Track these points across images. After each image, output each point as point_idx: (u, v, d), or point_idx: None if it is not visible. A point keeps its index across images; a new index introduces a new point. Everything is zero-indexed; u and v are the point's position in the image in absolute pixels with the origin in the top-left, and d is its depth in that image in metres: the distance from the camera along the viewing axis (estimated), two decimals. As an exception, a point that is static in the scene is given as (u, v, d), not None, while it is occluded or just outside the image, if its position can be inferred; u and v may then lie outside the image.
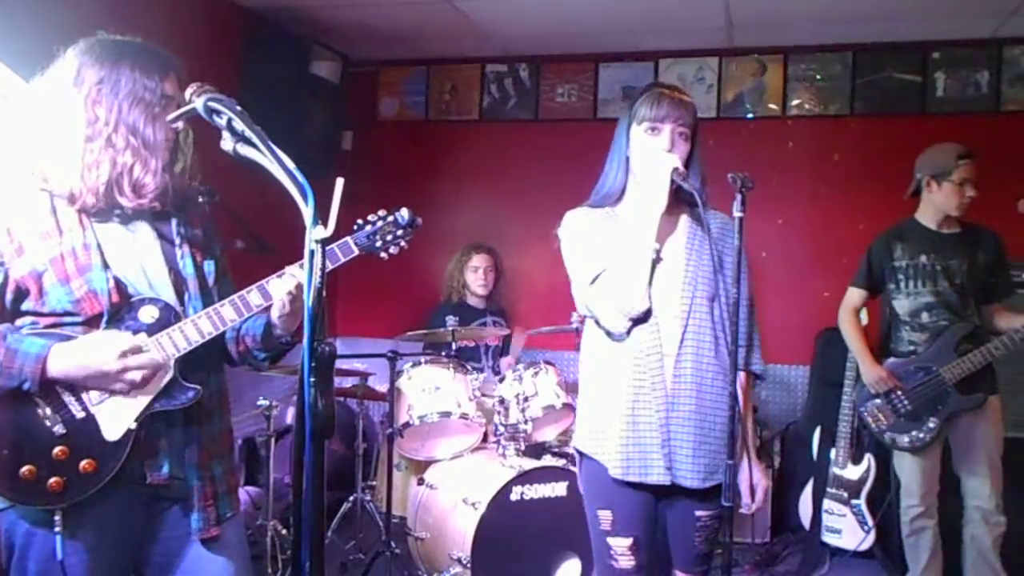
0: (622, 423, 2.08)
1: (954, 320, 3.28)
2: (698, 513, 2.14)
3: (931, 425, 3.28)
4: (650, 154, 2.10)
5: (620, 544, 2.14)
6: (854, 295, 3.52)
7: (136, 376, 1.67)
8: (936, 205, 3.35)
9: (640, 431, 2.08)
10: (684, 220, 2.20)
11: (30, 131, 1.77)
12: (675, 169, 2.04)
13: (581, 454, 2.21)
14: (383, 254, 1.98)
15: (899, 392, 3.35)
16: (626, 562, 2.14)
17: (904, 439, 3.34)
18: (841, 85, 4.74)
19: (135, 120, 1.71)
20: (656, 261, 2.09)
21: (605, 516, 2.15)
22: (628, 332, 2.10)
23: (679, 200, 2.16)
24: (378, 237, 1.96)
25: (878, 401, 3.41)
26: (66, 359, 1.63)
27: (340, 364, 3.98)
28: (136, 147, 1.71)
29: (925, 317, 3.33)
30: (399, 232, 1.98)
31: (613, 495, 2.13)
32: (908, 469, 3.39)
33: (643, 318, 2.08)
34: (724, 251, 2.19)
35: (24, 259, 1.66)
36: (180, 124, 1.76)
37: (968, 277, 3.29)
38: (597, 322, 2.16)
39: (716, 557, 2.23)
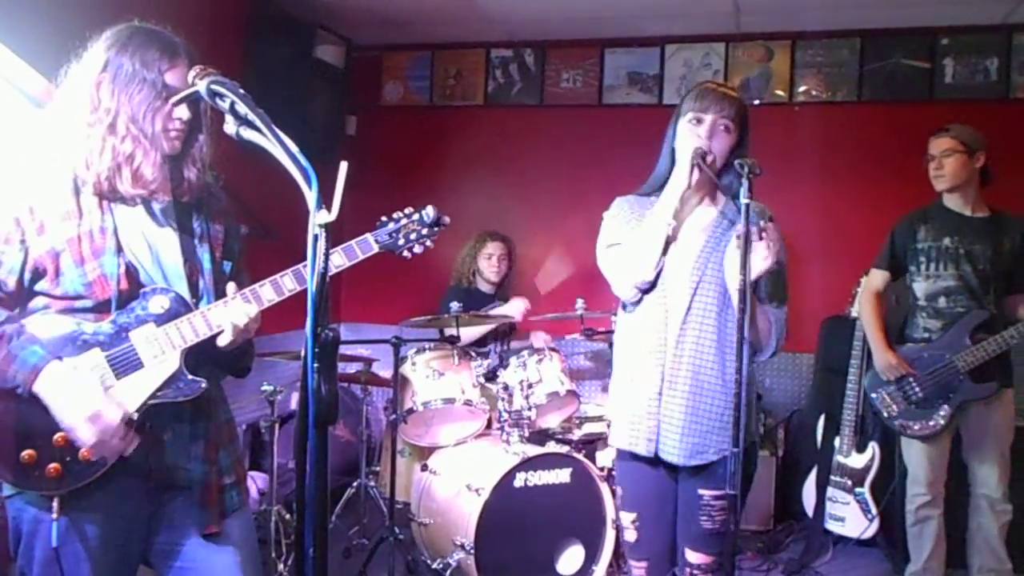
0: (624, 393, 2.24)
1: (972, 307, 3.24)
2: (701, 492, 2.18)
3: (942, 413, 3.26)
4: (686, 140, 2.19)
5: (626, 517, 2.29)
6: (876, 277, 3.50)
7: (95, 435, 1.62)
8: None
9: (636, 402, 2.20)
10: (718, 207, 2.28)
11: (53, 113, 1.77)
12: (697, 150, 2.12)
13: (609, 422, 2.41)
14: (405, 253, 1.93)
15: (911, 379, 3.33)
16: (630, 535, 2.28)
17: (915, 426, 3.32)
18: (849, 71, 4.70)
19: (134, 109, 1.69)
20: (671, 238, 2.17)
21: (619, 491, 2.34)
22: (638, 302, 2.22)
23: (717, 188, 2.26)
24: (400, 235, 1.91)
25: (890, 387, 3.39)
26: (50, 386, 1.62)
27: (344, 350, 3.98)
28: (136, 136, 1.69)
29: (942, 302, 3.29)
30: (424, 231, 1.93)
31: (623, 469, 2.30)
32: (916, 457, 3.38)
33: (650, 289, 2.19)
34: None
35: (44, 238, 1.66)
36: (187, 114, 1.74)
37: (992, 264, 3.24)
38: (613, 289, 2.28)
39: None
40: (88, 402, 1.63)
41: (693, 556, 2.23)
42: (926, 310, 3.34)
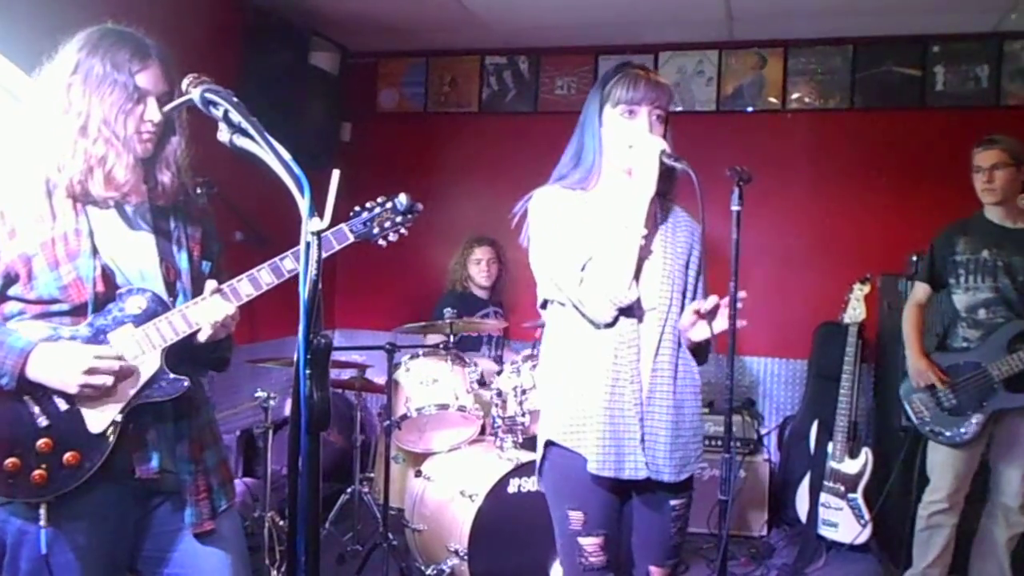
0: (600, 416, 2.02)
1: (1012, 318, 3.21)
2: (672, 503, 2.12)
3: (974, 421, 3.22)
4: (632, 137, 2.04)
5: (591, 543, 2.08)
6: (918, 289, 3.48)
7: (99, 381, 1.65)
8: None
9: (616, 425, 2.02)
10: (654, 213, 2.15)
11: (24, 116, 1.77)
12: (663, 151, 1.99)
13: (552, 445, 2.11)
14: (381, 241, 1.94)
15: (945, 386, 3.30)
16: (596, 559, 2.08)
17: (945, 433, 3.28)
18: (841, 78, 4.72)
19: (106, 112, 1.68)
20: (646, 251, 2.04)
21: (576, 516, 2.08)
22: (613, 322, 2.02)
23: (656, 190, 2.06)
24: (375, 224, 1.92)
25: (923, 394, 3.36)
26: (44, 363, 1.62)
27: (338, 356, 3.98)
28: (108, 138, 1.69)
29: (982, 314, 3.26)
30: (398, 219, 1.94)
31: (586, 493, 2.06)
32: (941, 464, 3.33)
33: (627, 309, 2.01)
34: (693, 245, 2.18)
35: (15, 242, 1.65)
36: (157, 116, 1.73)
37: None
38: (578, 310, 2.07)
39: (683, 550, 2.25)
40: (81, 359, 1.62)
41: (658, 572, 2.16)
42: (966, 320, 3.31)
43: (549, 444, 2.13)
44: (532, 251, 2.16)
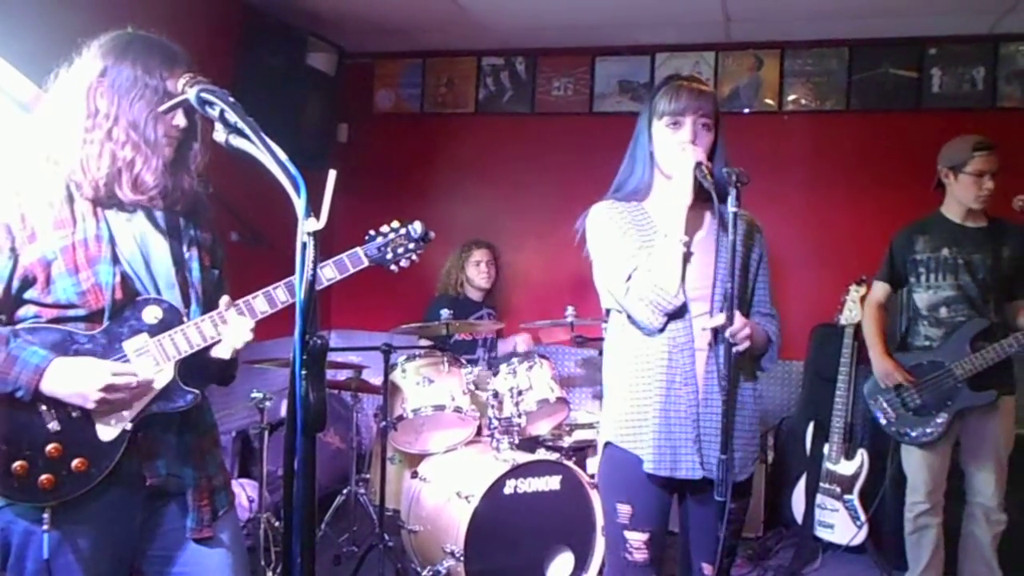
0: (655, 417, 2.09)
1: (973, 316, 3.23)
2: (729, 506, 2.14)
3: (939, 420, 3.25)
4: (674, 149, 2.10)
5: (636, 538, 2.16)
6: (877, 289, 3.51)
7: (117, 397, 1.66)
8: (956, 197, 3.28)
9: (671, 425, 2.09)
10: (710, 215, 2.21)
11: (44, 120, 1.76)
12: (698, 165, 2.04)
13: (609, 445, 2.21)
14: (393, 267, 1.99)
15: (909, 386, 3.32)
16: (640, 555, 2.17)
17: (912, 433, 3.31)
18: (837, 80, 4.73)
19: (135, 116, 1.69)
20: (687, 256, 2.09)
21: (624, 510, 2.17)
22: (663, 328, 2.10)
23: (706, 195, 2.12)
24: (389, 249, 1.97)
25: (888, 395, 3.38)
26: (60, 379, 1.62)
27: (334, 357, 3.98)
28: (136, 142, 1.69)
29: (943, 312, 3.28)
30: (411, 245, 2.00)
31: (636, 489, 2.15)
32: (915, 465, 3.36)
33: (677, 313, 2.08)
34: (751, 248, 2.22)
35: (35, 246, 1.65)
36: (184, 121, 1.74)
37: (991, 272, 3.23)
38: (629, 317, 2.15)
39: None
40: (99, 376, 1.63)
41: (710, 569, 2.20)
42: (927, 319, 3.33)
43: (607, 444, 2.22)
44: (593, 264, 2.25)
